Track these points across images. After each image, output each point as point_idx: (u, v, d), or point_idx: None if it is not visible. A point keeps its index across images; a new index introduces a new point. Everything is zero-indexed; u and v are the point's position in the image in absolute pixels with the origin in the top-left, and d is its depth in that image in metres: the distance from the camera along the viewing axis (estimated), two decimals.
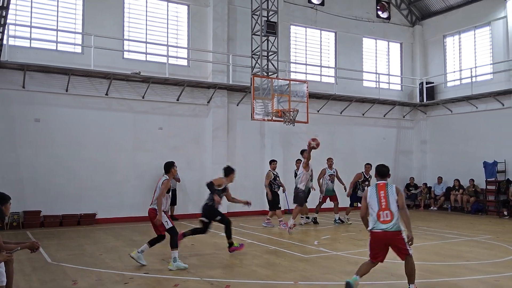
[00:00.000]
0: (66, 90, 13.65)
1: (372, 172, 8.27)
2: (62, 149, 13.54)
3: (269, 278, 6.92)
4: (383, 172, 6.09)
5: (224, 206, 15.56)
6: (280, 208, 13.09)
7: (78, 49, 14.22)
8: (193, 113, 15.81)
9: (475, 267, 7.77)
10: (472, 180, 17.42)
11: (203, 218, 8.79)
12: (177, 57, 15.72)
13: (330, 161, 14.16)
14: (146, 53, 15.18)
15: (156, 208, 7.72)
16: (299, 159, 13.64)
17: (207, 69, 16.05)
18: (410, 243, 5.81)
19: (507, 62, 17.06)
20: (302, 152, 12.77)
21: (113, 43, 14.36)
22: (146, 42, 15.13)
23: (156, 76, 14.59)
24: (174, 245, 7.61)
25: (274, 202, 12.97)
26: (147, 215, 7.88)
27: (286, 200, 16.69)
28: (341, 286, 6.42)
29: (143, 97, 14.77)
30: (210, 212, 8.67)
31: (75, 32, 14.11)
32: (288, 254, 8.94)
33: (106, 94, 14.24)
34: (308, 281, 6.70)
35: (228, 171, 9.07)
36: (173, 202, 14.68)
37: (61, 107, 13.70)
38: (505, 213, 16.01)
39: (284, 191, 13.92)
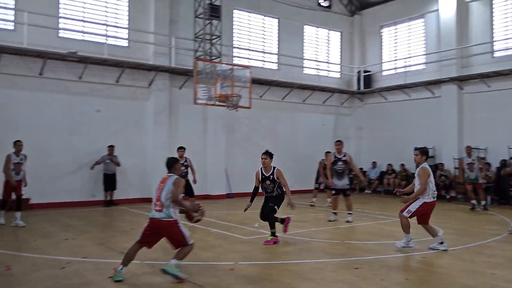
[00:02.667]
0: None
1: None
2: None
3: (210, 260, 7.02)
4: (167, 164, 6.26)
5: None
6: None
7: (10, 26, 13.41)
8: (134, 96, 15.46)
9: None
10: (403, 164, 18.40)
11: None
12: (116, 37, 15.24)
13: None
14: (83, 32, 14.60)
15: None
16: (339, 141, 11.49)
17: (148, 51, 15.70)
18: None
19: (438, 53, 18.02)
20: None
21: (48, 21, 13.66)
22: (83, 21, 14.54)
23: (94, 57, 14.08)
24: None
25: None
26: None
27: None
28: (279, 265, 6.67)
29: (80, 78, 14.23)
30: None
31: (6, 8, 13.28)
32: (229, 236, 9.09)
33: (40, 74, 13.58)
34: (248, 261, 6.87)
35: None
36: (113, 187, 14.38)
37: None
38: None
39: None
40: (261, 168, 8.50)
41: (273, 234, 8.25)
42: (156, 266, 6.49)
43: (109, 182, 14.30)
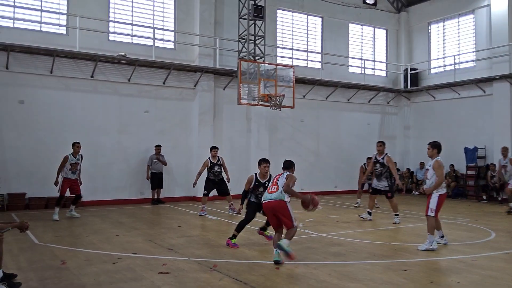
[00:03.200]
0: (51, 72, 13.51)
1: None
2: (46, 131, 13.45)
3: (256, 258, 7.08)
4: (286, 165, 7.38)
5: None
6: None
7: (63, 30, 14.05)
8: (180, 96, 15.79)
9: (453, 247, 8.05)
10: (453, 165, 17.82)
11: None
12: (163, 40, 15.62)
13: None
14: (132, 35, 15.04)
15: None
16: (380, 142, 11.40)
17: (193, 53, 15.99)
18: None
19: (489, 50, 17.34)
20: None
21: (99, 25, 14.19)
22: (132, 24, 14.99)
23: (142, 59, 14.50)
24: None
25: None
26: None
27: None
28: (325, 266, 6.65)
29: (129, 80, 14.69)
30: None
31: (59, 13, 13.90)
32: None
33: (92, 76, 14.13)
34: (294, 261, 6.87)
35: None
36: (160, 185, 14.75)
37: (45, 89, 13.57)
38: (484, 197, 16.47)
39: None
40: (256, 174, 8.12)
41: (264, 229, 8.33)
42: (203, 264, 6.62)
43: (156, 180, 14.67)
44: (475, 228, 10.34)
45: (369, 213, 11.34)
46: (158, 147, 14.74)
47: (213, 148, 12.62)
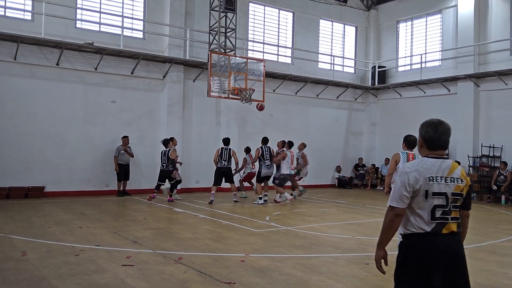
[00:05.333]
0: (15, 59, 13.06)
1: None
2: (9, 119, 13.02)
3: (221, 251, 7.10)
4: (413, 142, 7.83)
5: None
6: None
7: (28, 16, 13.59)
8: (148, 87, 15.57)
9: None
10: None
11: None
12: (132, 29, 15.33)
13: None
14: (100, 23, 14.70)
15: None
16: (283, 140, 14.14)
17: (163, 43, 15.77)
18: None
19: (455, 49, 17.81)
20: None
21: (65, 11, 13.79)
22: (100, 12, 14.64)
23: (110, 48, 14.19)
24: None
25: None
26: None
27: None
28: (290, 259, 6.73)
29: (95, 69, 14.36)
30: None
31: None
32: (239, 228, 9.16)
33: (57, 64, 13.73)
34: (259, 254, 6.93)
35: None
36: (126, 177, 14.52)
37: (9, 76, 13.10)
38: None
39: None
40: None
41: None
42: (168, 256, 6.59)
43: (123, 172, 14.44)
44: None
45: (260, 198, 13.04)
46: (125, 138, 14.48)
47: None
